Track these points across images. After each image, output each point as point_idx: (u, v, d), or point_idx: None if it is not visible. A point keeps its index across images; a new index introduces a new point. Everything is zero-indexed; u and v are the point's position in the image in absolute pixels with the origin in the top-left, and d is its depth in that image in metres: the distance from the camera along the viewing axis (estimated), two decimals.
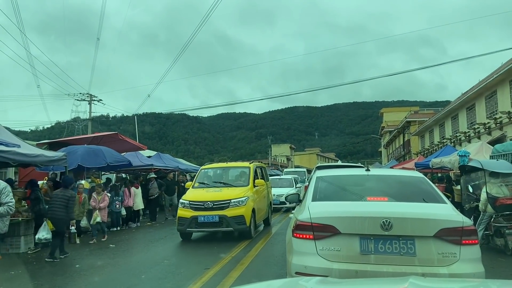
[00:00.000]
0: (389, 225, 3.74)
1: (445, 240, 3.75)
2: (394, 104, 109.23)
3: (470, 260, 3.77)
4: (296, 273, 3.97)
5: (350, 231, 3.86)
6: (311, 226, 3.97)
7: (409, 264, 3.72)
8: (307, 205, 4.34)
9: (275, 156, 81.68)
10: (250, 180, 10.96)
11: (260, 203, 11.18)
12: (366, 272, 3.72)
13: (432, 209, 4.10)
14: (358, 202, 4.37)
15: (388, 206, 4.18)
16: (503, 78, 19.94)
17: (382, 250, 3.78)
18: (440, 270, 3.68)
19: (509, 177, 8.42)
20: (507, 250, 7.76)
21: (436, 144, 32.27)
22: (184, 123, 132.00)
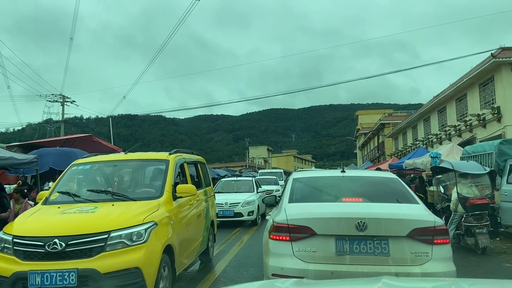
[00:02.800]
0: (364, 225, 3.81)
1: (418, 240, 3.83)
2: (369, 106, 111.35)
3: (441, 259, 3.86)
4: (272, 274, 3.99)
5: (326, 232, 3.91)
6: (287, 228, 3.99)
7: (383, 264, 3.79)
8: (283, 206, 4.36)
9: (252, 158, 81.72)
10: (166, 187, 5.35)
11: (187, 230, 5.72)
12: (341, 272, 3.77)
13: (405, 210, 4.18)
14: (333, 203, 4.43)
15: (363, 207, 4.25)
16: (472, 82, 20.62)
17: (357, 251, 3.84)
18: (413, 270, 3.76)
19: (479, 177, 8.67)
20: (477, 249, 7.99)
21: (409, 146, 33.03)
22: (160, 125, 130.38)
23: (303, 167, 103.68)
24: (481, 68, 18.85)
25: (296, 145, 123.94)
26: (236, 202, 12.50)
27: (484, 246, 7.90)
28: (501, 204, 9.73)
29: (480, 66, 19.12)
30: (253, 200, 12.83)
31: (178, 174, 6.12)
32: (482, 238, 7.91)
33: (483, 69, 18.74)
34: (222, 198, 12.42)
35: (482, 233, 7.95)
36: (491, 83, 19.31)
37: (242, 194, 13.34)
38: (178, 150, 6.37)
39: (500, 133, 18.02)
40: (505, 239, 9.59)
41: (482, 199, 8.21)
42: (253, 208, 12.63)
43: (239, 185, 15.00)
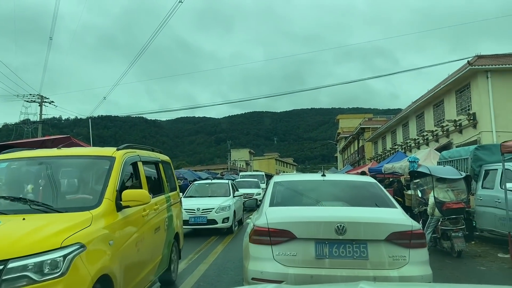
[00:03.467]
0: (343, 229, 3.84)
1: (396, 244, 3.87)
2: (350, 111, 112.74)
3: (418, 262, 3.90)
4: (252, 279, 3.97)
5: (306, 236, 3.91)
6: (268, 232, 3.98)
7: (361, 268, 3.82)
8: (264, 210, 4.36)
9: (234, 160, 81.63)
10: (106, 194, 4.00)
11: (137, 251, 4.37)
12: (320, 276, 3.78)
13: (383, 214, 4.26)
14: (314, 207, 4.49)
15: (342, 210, 4.33)
16: (449, 88, 21.15)
17: (336, 254, 3.86)
18: (391, 273, 3.79)
19: (455, 182, 8.89)
20: (453, 252, 8.19)
21: (388, 150, 33.59)
22: (141, 126, 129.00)
23: (285, 170, 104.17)
24: (458, 75, 19.36)
25: (278, 148, 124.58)
26: (209, 208, 11.25)
27: (460, 249, 8.11)
28: (476, 208, 10.00)
29: (457, 73, 19.65)
30: (228, 206, 11.64)
31: (130, 176, 4.95)
32: (458, 241, 8.12)
33: (460, 76, 19.26)
34: (194, 203, 11.49)
35: (458, 236, 8.15)
36: (467, 90, 19.85)
37: (216, 199, 12.13)
38: (130, 145, 4.96)
39: (476, 138, 18.52)
40: (480, 243, 9.85)
41: (458, 203, 8.42)
42: (229, 214, 11.43)
43: (213, 188, 13.67)
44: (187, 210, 10.84)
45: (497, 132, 17.70)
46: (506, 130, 17.22)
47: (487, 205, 9.50)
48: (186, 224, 10.64)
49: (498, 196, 8.97)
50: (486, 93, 18.26)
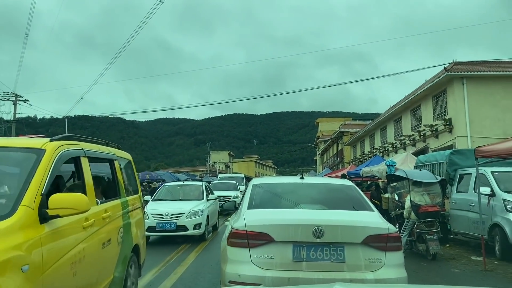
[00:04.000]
0: (321, 232, 3.84)
1: (372, 247, 3.90)
2: (329, 114, 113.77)
3: (394, 265, 3.95)
4: (229, 281, 3.94)
5: (284, 239, 3.91)
6: (245, 234, 3.95)
7: (338, 271, 3.83)
8: (242, 213, 4.33)
9: (213, 162, 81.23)
10: (24, 199, 2.85)
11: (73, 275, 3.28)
12: (298, 279, 3.78)
13: (360, 217, 4.28)
14: (292, 210, 4.48)
15: (320, 214, 4.34)
16: (426, 94, 21.58)
17: (314, 257, 3.86)
18: (367, 276, 3.84)
19: (431, 186, 9.04)
20: (428, 255, 8.30)
21: (366, 153, 34.03)
22: (119, 127, 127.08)
23: (264, 172, 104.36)
24: (435, 81, 19.78)
25: (257, 151, 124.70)
26: (179, 213, 10.20)
27: (435, 252, 8.22)
28: (451, 211, 10.19)
29: (434, 79, 20.07)
30: (201, 210, 10.61)
31: (70, 176, 4.25)
32: (433, 244, 8.23)
33: (437, 82, 19.68)
34: (162, 208, 10.47)
35: (433, 239, 8.27)
36: (443, 95, 20.30)
37: (188, 203, 11.00)
38: (70, 136, 3.93)
39: (451, 143, 18.94)
40: (454, 246, 10.04)
41: (433, 206, 8.56)
42: (201, 220, 10.41)
43: (185, 191, 12.44)
44: (154, 215, 10.13)
45: (471, 137, 18.15)
46: (481, 135, 17.69)
47: (461, 208, 9.70)
48: (153, 231, 9.99)
49: (472, 200, 9.16)
50: (462, 99, 18.71)
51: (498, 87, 18.82)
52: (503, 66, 19.65)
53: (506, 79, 18.93)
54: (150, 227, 9.77)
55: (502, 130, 17.69)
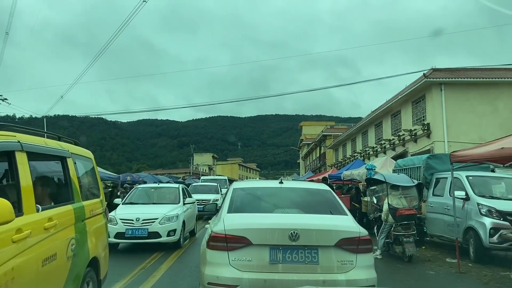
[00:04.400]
0: (296, 236, 4.00)
1: (344, 249, 4.08)
2: (313, 118, 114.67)
3: (364, 267, 4.14)
4: (208, 283, 4.07)
5: (261, 242, 4.05)
6: (224, 238, 4.09)
7: (312, 272, 4.01)
8: (222, 217, 4.46)
9: (197, 165, 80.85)
10: None
11: None
12: (273, 280, 3.96)
13: (334, 221, 4.47)
14: (269, 214, 4.66)
15: (296, 218, 4.53)
16: (406, 99, 21.99)
17: (289, 260, 4.02)
18: (339, 277, 4.01)
19: (408, 189, 9.23)
20: (405, 257, 8.48)
21: (348, 157, 34.42)
22: (101, 127, 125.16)
23: (248, 175, 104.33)
24: (414, 87, 20.19)
25: (241, 153, 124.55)
26: (151, 218, 9.33)
27: (411, 254, 8.41)
28: (427, 215, 10.43)
29: (413, 85, 20.47)
30: (176, 215, 9.73)
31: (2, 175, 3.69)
32: (409, 246, 8.42)
33: (416, 87, 20.09)
34: (133, 212, 9.62)
35: (409, 242, 8.45)
36: (422, 101, 20.72)
37: (162, 207, 10.11)
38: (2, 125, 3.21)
39: (429, 148, 19.34)
40: (430, 248, 10.26)
41: (410, 210, 8.74)
42: (176, 226, 9.56)
43: (160, 194, 11.47)
44: (124, 220, 9.30)
45: (448, 142, 18.57)
46: (457, 140, 18.10)
47: (437, 211, 9.94)
48: (122, 238, 9.20)
49: (447, 203, 9.40)
50: (440, 104, 19.13)
51: (474, 94, 19.32)
52: (480, 73, 20.18)
53: (483, 85, 19.45)
54: (119, 234, 9.14)
55: (478, 135, 18.12)
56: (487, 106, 19.19)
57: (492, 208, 8.24)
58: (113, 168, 76.64)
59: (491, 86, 19.41)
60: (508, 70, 20.15)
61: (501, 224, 8.00)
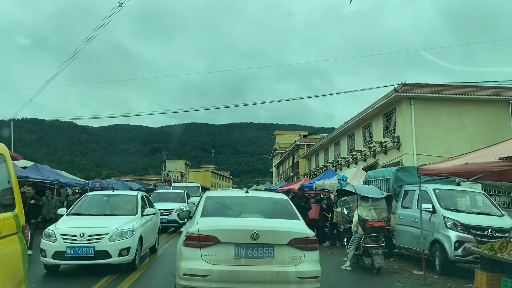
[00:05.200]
0: (257, 236, 4.85)
1: (295, 247, 4.96)
2: (287, 127, 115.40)
3: (311, 261, 5.02)
4: (183, 274, 4.86)
5: (228, 241, 4.88)
6: (198, 237, 4.90)
7: (269, 265, 4.87)
8: (196, 220, 5.29)
9: (169, 171, 79.76)
10: None
11: None
12: (237, 271, 4.81)
13: (288, 224, 5.33)
14: (235, 218, 5.52)
15: (257, 221, 5.35)
16: (377, 112, 22.51)
17: (250, 255, 4.87)
18: (290, 269, 4.87)
19: (377, 201, 9.38)
20: (373, 268, 8.57)
21: (320, 167, 34.80)
22: (70, 132, 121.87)
23: (221, 183, 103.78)
24: (385, 101, 20.71)
25: (215, 161, 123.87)
26: (100, 233, 7.52)
27: (379, 266, 8.52)
28: (396, 226, 10.62)
29: (384, 98, 20.99)
30: (131, 229, 7.93)
31: None
32: (378, 258, 8.53)
33: (387, 101, 20.61)
34: (77, 226, 7.77)
35: (378, 254, 8.57)
36: (393, 114, 21.26)
37: (115, 219, 8.39)
38: None
39: (399, 160, 19.81)
40: (398, 260, 10.44)
41: (379, 221, 8.87)
42: (130, 243, 7.73)
43: (114, 203, 9.56)
44: (65, 236, 7.46)
45: (417, 155, 19.09)
46: (426, 153, 18.65)
47: (405, 224, 10.13)
48: (62, 258, 7.35)
49: (415, 216, 9.59)
50: (409, 118, 19.68)
51: (442, 109, 19.99)
52: (448, 89, 20.92)
53: (450, 101, 20.16)
54: (58, 253, 7.33)
55: (446, 149, 18.74)
56: (454, 122, 19.88)
57: (457, 222, 8.47)
58: (82, 174, 74.62)
59: (458, 102, 20.14)
60: (474, 87, 21.00)
61: (465, 238, 8.22)
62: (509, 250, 6.08)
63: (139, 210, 9.11)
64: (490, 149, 6.52)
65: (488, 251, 6.50)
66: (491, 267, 6.54)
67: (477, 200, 9.79)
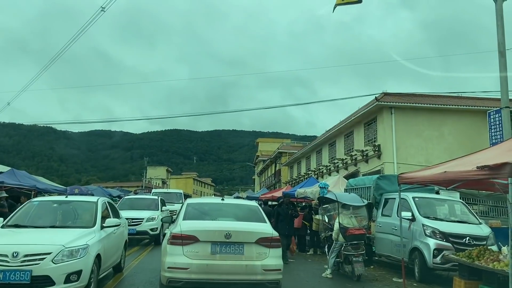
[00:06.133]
0: (229, 235, 5.85)
1: (261, 245, 5.96)
2: (269, 135, 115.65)
3: (275, 257, 6.01)
4: (168, 267, 5.78)
5: (206, 239, 5.85)
6: (181, 237, 5.86)
7: (239, 260, 5.82)
8: (179, 222, 6.32)
9: (150, 178, 78.75)
10: None
11: None
12: (213, 265, 5.75)
13: (256, 226, 6.32)
14: (212, 221, 6.56)
15: (230, 224, 6.35)
16: (359, 121, 22.74)
17: (224, 251, 5.84)
18: (257, 263, 5.85)
19: (358, 209, 9.43)
20: (354, 276, 8.58)
21: (302, 175, 34.90)
22: (49, 137, 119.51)
23: (203, 190, 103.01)
24: (367, 109, 20.93)
25: (197, 168, 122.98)
26: (39, 253, 5.64)
27: (359, 273, 8.53)
28: (376, 234, 10.67)
29: (366, 107, 21.22)
30: (83, 247, 6.05)
31: None
32: (358, 266, 8.54)
33: (368, 110, 20.84)
34: (10, 243, 5.90)
35: (358, 261, 8.58)
36: (374, 123, 21.51)
37: (64, 233, 6.43)
38: None
39: (379, 168, 20.00)
40: (378, 267, 10.48)
41: (359, 229, 8.91)
42: (82, 265, 5.87)
43: (67, 212, 7.59)
44: None
45: (397, 164, 19.30)
46: (406, 162, 18.88)
47: (385, 231, 10.19)
48: None
49: (395, 224, 9.66)
50: (390, 127, 19.92)
51: (422, 119, 20.32)
52: (428, 99, 21.30)
53: (430, 111, 20.52)
54: None
55: (425, 158, 19.04)
56: (433, 131, 20.22)
57: (436, 230, 8.56)
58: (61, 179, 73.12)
59: (438, 112, 20.51)
60: (453, 97, 21.45)
61: (444, 245, 8.31)
62: (486, 257, 6.17)
63: (97, 221, 7.12)
64: (468, 158, 6.61)
65: (466, 259, 6.57)
66: (469, 275, 6.62)
67: (455, 208, 9.94)
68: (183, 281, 5.69)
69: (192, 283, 5.72)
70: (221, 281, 5.74)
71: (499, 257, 5.99)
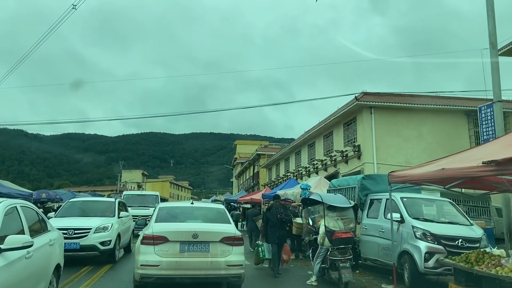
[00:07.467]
0: (196, 235, 6.46)
1: (225, 243, 6.60)
2: (247, 137, 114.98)
3: (237, 254, 6.65)
4: (140, 265, 6.33)
5: (175, 239, 6.44)
6: (152, 237, 6.43)
7: (205, 257, 6.44)
8: (151, 224, 6.88)
9: (125, 182, 76.76)
10: None
11: None
12: (181, 261, 6.35)
13: (220, 227, 6.95)
14: (181, 223, 7.15)
15: (197, 225, 6.94)
16: (338, 121, 22.36)
17: (192, 250, 6.46)
18: (221, 259, 6.48)
19: (344, 211, 8.84)
20: (341, 283, 7.92)
21: (281, 177, 34.38)
22: (20, 140, 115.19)
23: (180, 194, 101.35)
24: (346, 109, 20.55)
25: (174, 171, 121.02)
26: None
27: (347, 280, 7.88)
28: (361, 237, 10.12)
29: (346, 107, 20.84)
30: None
31: None
32: (346, 272, 7.91)
33: (348, 110, 20.46)
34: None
35: (346, 267, 7.95)
36: (353, 123, 21.15)
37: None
38: None
39: (360, 169, 19.62)
40: (364, 272, 9.93)
41: (346, 232, 8.31)
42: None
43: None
44: None
45: (377, 164, 18.97)
46: (385, 162, 18.56)
47: (372, 234, 9.66)
48: None
49: (382, 226, 9.16)
50: (370, 127, 19.59)
51: (401, 118, 20.09)
52: (407, 99, 21.07)
53: (408, 111, 20.31)
54: None
55: (404, 158, 18.77)
56: (412, 131, 20.00)
57: (427, 232, 8.04)
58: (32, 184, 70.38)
59: (417, 112, 20.31)
60: (432, 97, 21.32)
61: (436, 248, 7.78)
62: (487, 262, 5.66)
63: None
64: (464, 154, 6.14)
65: (463, 264, 6.06)
66: (467, 281, 6.10)
67: (444, 209, 9.49)
68: (154, 277, 6.30)
69: (162, 278, 6.34)
70: (189, 276, 6.40)
71: (501, 261, 5.49)
